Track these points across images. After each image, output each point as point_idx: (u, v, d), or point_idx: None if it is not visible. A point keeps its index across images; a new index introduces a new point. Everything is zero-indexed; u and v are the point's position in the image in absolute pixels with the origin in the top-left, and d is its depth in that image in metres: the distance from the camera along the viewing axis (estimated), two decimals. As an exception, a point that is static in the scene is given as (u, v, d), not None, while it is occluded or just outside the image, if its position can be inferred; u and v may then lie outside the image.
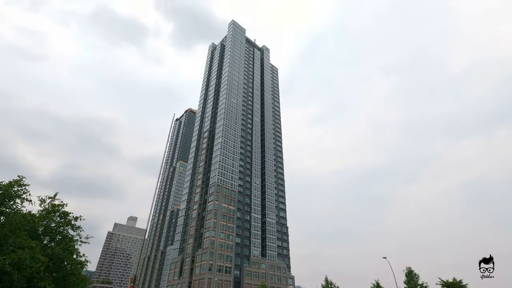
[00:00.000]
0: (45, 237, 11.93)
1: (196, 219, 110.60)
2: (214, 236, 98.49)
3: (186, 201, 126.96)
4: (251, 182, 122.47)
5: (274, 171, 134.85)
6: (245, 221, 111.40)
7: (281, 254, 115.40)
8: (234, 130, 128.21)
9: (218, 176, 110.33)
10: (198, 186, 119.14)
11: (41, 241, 11.83)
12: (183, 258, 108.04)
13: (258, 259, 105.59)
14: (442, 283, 34.49)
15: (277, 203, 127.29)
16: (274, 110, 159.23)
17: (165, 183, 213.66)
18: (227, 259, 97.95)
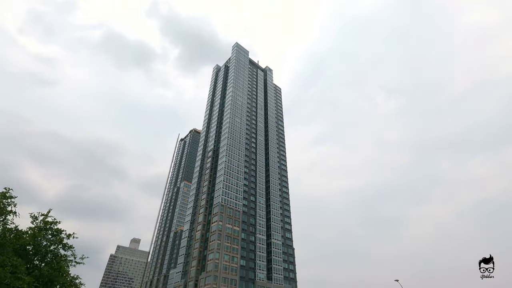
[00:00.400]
0: (35, 256, 11.24)
1: (199, 240, 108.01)
2: (218, 258, 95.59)
3: (189, 222, 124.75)
4: (255, 202, 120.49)
5: (279, 190, 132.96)
6: (250, 242, 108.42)
7: (287, 277, 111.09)
8: (238, 149, 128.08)
9: (222, 195, 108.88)
10: (202, 206, 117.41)
11: (31, 260, 11.14)
12: (186, 282, 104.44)
13: (263, 282, 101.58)
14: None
15: (283, 223, 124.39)
16: (278, 130, 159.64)
17: (169, 204, 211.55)
18: (231, 283, 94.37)
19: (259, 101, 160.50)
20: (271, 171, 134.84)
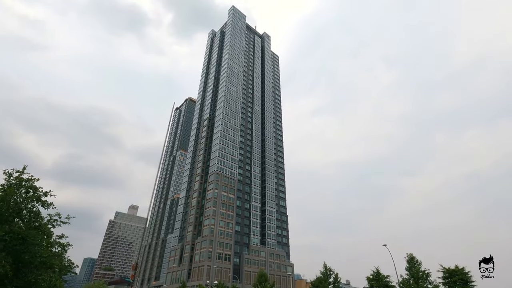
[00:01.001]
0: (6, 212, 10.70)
1: (195, 207, 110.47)
2: (214, 224, 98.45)
3: (185, 190, 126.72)
4: (251, 171, 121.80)
5: (274, 160, 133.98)
6: (245, 210, 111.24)
7: (280, 242, 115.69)
8: (234, 118, 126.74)
9: (217, 164, 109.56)
10: (198, 175, 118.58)
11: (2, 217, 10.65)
12: (183, 246, 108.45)
13: (257, 247, 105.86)
14: (444, 270, 33.76)
15: (277, 192, 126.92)
16: (275, 99, 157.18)
17: (165, 172, 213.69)
18: (226, 247, 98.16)
19: (256, 69, 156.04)
20: (266, 140, 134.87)
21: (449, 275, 34.28)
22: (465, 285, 33.26)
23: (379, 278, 37.06)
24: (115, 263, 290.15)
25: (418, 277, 32.27)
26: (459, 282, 33.48)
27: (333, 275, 38.61)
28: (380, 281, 36.73)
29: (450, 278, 33.95)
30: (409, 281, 32.79)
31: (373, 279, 37.77)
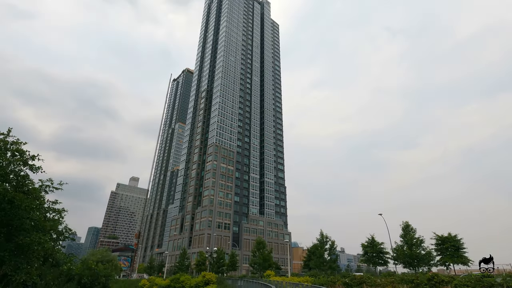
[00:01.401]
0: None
1: (195, 178, 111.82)
2: (213, 194, 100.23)
3: (185, 162, 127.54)
4: (249, 143, 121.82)
5: (273, 132, 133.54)
6: (244, 181, 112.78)
7: (278, 212, 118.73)
8: (233, 89, 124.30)
9: (216, 136, 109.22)
10: (197, 147, 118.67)
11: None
12: (184, 215, 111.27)
13: (256, 216, 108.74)
14: (437, 237, 34.68)
15: (276, 164, 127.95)
16: (274, 70, 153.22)
17: (164, 144, 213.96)
18: (226, 216, 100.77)
19: (255, 38, 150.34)
20: (265, 113, 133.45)
21: (441, 242, 35.31)
22: (456, 251, 34.37)
23: (373, 245, 38.21)
24: (119, 232, 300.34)
25: (412, 244, 33.26)
26: (450, 248, 34.57)
27: (329, 242, 39.78)
28: (374, 248, 37.90)
29: (442, 245, 35.02)
30: (403, 247, 33.87)
31: (367, 245, 38.95)
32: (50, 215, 13.36)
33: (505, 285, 17.55)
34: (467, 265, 34.01)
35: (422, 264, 32.63)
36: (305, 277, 31.69)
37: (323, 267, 37.77)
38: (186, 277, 37.12)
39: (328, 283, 25.01)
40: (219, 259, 53.74)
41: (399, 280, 22.58)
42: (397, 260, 33.93)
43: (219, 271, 52.04)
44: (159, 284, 39.93)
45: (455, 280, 20.05)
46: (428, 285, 20.34)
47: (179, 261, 62.78)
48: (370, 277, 26.05)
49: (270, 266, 47.37)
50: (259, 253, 49.19)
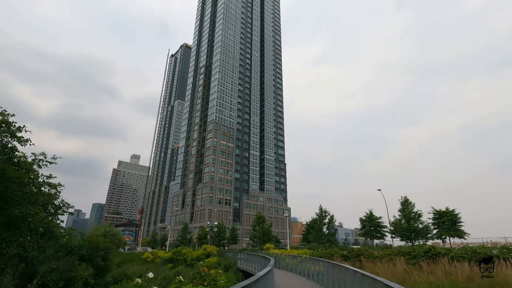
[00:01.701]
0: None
1: (195, 156, 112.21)
2: (214, 171, 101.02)
3: (185, 139, 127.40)
4: (249, 120, 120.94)
5: (273, 109, 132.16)
6: (244, 158, 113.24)
7: (278, 188, 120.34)
8: (232, 65, 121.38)
9: (215, 113, 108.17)
10: (196, 124, 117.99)
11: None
12: (185, 192, 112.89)
13: (256, 192, 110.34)
14: (435, 212, 35.08)
15: (276, 141, 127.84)
16: (275, 45, 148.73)
17: (164, 122, 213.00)
18: (226, 193, 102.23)
19: (255, 10, 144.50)
20: (266, 89, 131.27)
21: (439, 216, 35.79)
22: (452, 225, 34.93)
23: (371, 219, 38.82)
24: (122, 207, 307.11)
25: (410, 218, 33.75)
26: (447, 222, 35.10)
27: (328, 216, 40.43)
28: (372, 222, 38.53)
29: (440, 219, 35.53)
30: (401, 221, 34.41)
31: (365, 219, 39.59)
32: (45, 189, 13.19)
33: (501, 256, 17.72)
34: (463, 238, 34.72)
35: (419, 238, 33.34)
36: (304, 250, 32.43)
37: (321, 241, 38.69)
38: (188, 250, 38.08)
39: (326, 255, 25.52)
40: (219, 233, 55.17)
41: (396, 252, 22.95)
42: (395, 234, 34.67)
43: (220, 244, 53.61)
44: (161, 257, 41.06)
45: (451, 252, 20.31)
46: (425, 257, 20.65)
47: (181, 235, 64.50)
48: (368, 249, 26.54)
49: (270, 239, 48.64)
50: (259, 227, 50.34)
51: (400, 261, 21.53)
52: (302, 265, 20.42)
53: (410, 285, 18.72)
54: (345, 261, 24.03)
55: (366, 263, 23.29)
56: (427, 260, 20.94)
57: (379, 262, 22.51)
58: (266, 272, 8.17)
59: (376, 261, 22.86)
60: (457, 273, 19.02)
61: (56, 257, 12.17)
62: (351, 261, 24.08)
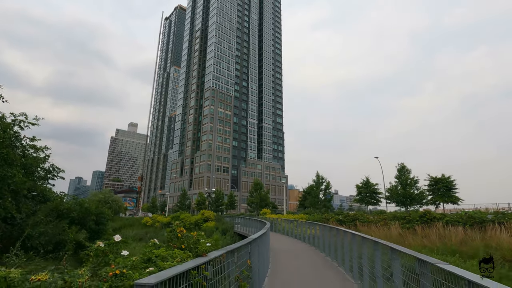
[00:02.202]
0: None
1: (193, 123, 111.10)
2: (212, 139, 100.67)
3: (182, 106, 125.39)
4: (247, 87, 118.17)
5: (272, 76, 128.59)
6: (242, 126, 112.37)
7: (276, 156, 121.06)
8: (229, 29, 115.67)
9: (212, 80, 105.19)
10: (193, 91, 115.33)
11: None
12: (183, 159, 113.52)
13: (254, 160, 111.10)
14: (431, 178, 35.26)
15: (274, 109, 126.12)
16: (274, 6, 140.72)
17: (160, 89, 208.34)
18: (224, 160, 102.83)
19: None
20: (264, 55, 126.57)
21: (434, 183, 36.07)
22: (447, 191, 35.33)
23: (368, 186, 39.17)
24: (122, 175, 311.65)
25: (406, 184, 34.00)
26: (442, 188, 35.46)
27: (325, 183, 40.74)
28: (368, 188, 38.91)
29: (435, 186, 35.86)
30: (397, 187, 34.71)
31: (362, 186, 39.96)
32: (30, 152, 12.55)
33: (496, 221, 17.86)
34: (456, 203, 35.32)
35: (414, 203, 33.86)
36: (300, 215, 32.99)
37: (317, 206, 39.36)
38: (186, 214, 38.77)
39: (322, 219, 25.88)
40: (217, 199, 56.21)
41: (391, 217, 23.22)
42: (390, 200, 35.17)
43: (218, 209, 54.83)
44: (160, 221, 41.93)
45: (446, 217, 20.49)
46: (420, 221, 20.87)
47: (180, 201, 65.80)
48: (363, 214, 26.90)
49: (267, 205, 49.62)
50: (256, 194, 51.12)
51: (395, 226, 21.86)
52: (298, 229, 20.63)
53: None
54: (341, 225, 24.38)
55: (361, 227, 23.65)
56: (422, 225, 21.27)
57: (374, 226, 22.85)
58: (260, 234, 7.97)
59: (371, 225, 23.22)
60: (451, 236, 19.31)
61: (45, 221, 11.94)
62: (346, 225, 24.43)
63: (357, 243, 7.84)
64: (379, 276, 5.61)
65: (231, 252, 3.96)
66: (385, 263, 5.35)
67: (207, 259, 3.15)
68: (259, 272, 6.99)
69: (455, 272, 2.84)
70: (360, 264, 7.33)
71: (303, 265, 10.78)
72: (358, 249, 7.65)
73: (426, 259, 3.62)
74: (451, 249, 17.43)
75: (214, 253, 3.60)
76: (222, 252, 3.62)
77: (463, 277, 2.71)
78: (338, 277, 8.67)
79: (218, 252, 3.62)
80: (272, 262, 11.14)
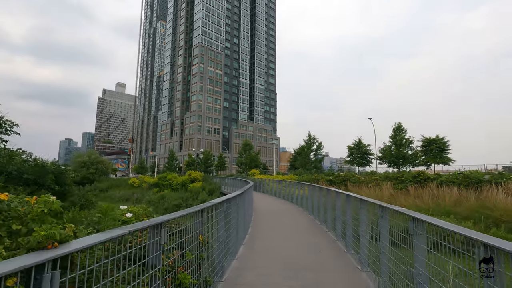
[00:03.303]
0: None
1: (181, 83, 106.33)
2: (201, 100, 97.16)
3: (169, 65, 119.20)
4: (239, 45, 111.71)
5: (265, 33, 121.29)
6: (233, 86, 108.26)
7: (268, 118, 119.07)
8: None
9: (201, 35, 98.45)
10: (181, 48, 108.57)
11: None
12: (173, 121, 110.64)
13: (245, 122, 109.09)
14: (424, 139, 34.37)
15: (267, 68, 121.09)
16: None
17: (147, 47, 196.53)
18: (215, 122, 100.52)
19: None
20: (257, 8, 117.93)
21: (428, 144, 35.26)
22: (440, 152, 34.69)
23: (360, 147, 38.22)
24: (113, 137, 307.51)
25: (401, 144, 33.02)
26: (435, 149, 34.76)
27: (317, 143, 39.58)
28: (360, 149, 38.00)
29: (428, 146, 35.09)
30: (391, 147, 33.79)
31: (353, 147, 39.02)
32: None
33: (493, 181, 16.98)
34: (447, 164, 34.93)
35: (407, 164, 33.19)
36: (290, 175, 32.18)
37: (308, 167, 38.63)
38: (173, 175, 37.76)
39: (312, 180, 24.96)
40: (206, 160, 55.16)
41: (383, 178, 22.34)
42: (383, 160, 34.45)
43: (207, 170, 54.05)
44: (148, 182, 41.01)
45: (441, 177, 19.62)
46: (413, 181, 19.99)
47: (168, 162, 64.70)
48: (354, 174, 26.06)
49: (257, 166, 48.87)
50: (246, 154, 50.09)
51: (387, 186, 21.06)
52: (287, 190, 19.60)
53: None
54: (331, 185, 23.56)
55: (352, 188, 22.84)
56: (415, 185, 20.54)
57: (365, 187, 22.05)
58: (238, 193, 6.81)
59: (362, 186, 22.41)
60: (445, 197, 18.59)
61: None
62: (336, 186, 23.60)
63: (351, 205, 6.44)
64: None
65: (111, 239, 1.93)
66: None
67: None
68: (230, 244, 5.60)
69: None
70: (356, 233, 5.95)
71: (288, 230, 9.53)
72: (353, 210, 6.26)
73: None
74: (444, 210, 16.74)
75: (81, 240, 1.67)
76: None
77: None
78: (328, 246, 7.36)
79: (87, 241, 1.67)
80: (254, 226, 9.89)
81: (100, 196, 44.30)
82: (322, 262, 5.91)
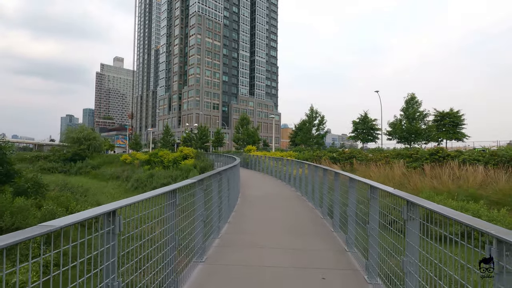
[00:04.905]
0: None
1: (178, 55, 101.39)
2: (199, 73, 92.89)
3: (166, 36, 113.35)
4: (238, 14, 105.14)
5: (267, 1, 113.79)
6: (233, 59, 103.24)
7: (269, 93, 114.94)
8: None
9: (198, 3, 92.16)
10: (177, 18, 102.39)
11: None
12: (170, 95, 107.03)
13: (246, 97, 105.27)
14: (437, 113, 31.37)
15: (268, 40, 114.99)
16: None
17: (144, 18, 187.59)
18: (214, 96, 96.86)
19: None
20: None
21: (440, 118, 32.32)
22: (453, 127, 31.82)
23: (366, 121, 35.31)
24: (113, 113, 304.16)
25: (414, 118, 30.00)
26: (448, 124, 31.86)
27: (319, 117, 36.58)
28: (366, 124, 35.12)
29: (441, 121, 32.16)
30: (401, 121, 30.81)
31: (359, 122, 36.12)
32: None
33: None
34: (461, 140, 32.18)
35: (419, 139, 30.36)
36: (289, 152, 29.66)
37: (309, 143, 36.01)
38: (165, 152, 35.47)
39: (313, 157, 22.40)
40: (202, 136, 52.57)
41: (395, 155, 19.66)
42: (392, 136, 31.63)
43: (203, 147, 51.68)
44: (139, 159, 38.81)
45: (463, 155, 16.92)
46: (430, 159, 17.31)
47: (162, 138, 62.31)
48: (361, 151, 23.44)
49: (256, 142, 46.35)
50: (243, 129, 47.40)
51: (399, 164, 18.42)
52: (284, 169, 17.10)
53: (408, 190, 15.84)
54: (334, 164, 21.00)
55: (358, 166, 20.27)
56: (432, 163, 18.02)
57: (374, 165, 19.51)
58: (213, 173, 4.39)
59: (370, 164, 19.83)
60: (468, 178, 16.04)
61: None
62: (341, 164, 21.07)
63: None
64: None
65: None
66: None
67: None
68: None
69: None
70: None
71: (279, 226, 7.02)
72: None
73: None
74: (468, 193, 14.27)
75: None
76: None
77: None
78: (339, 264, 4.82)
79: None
80: (234, 217, 7.44)
81: (91, 174, 42.50)
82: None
